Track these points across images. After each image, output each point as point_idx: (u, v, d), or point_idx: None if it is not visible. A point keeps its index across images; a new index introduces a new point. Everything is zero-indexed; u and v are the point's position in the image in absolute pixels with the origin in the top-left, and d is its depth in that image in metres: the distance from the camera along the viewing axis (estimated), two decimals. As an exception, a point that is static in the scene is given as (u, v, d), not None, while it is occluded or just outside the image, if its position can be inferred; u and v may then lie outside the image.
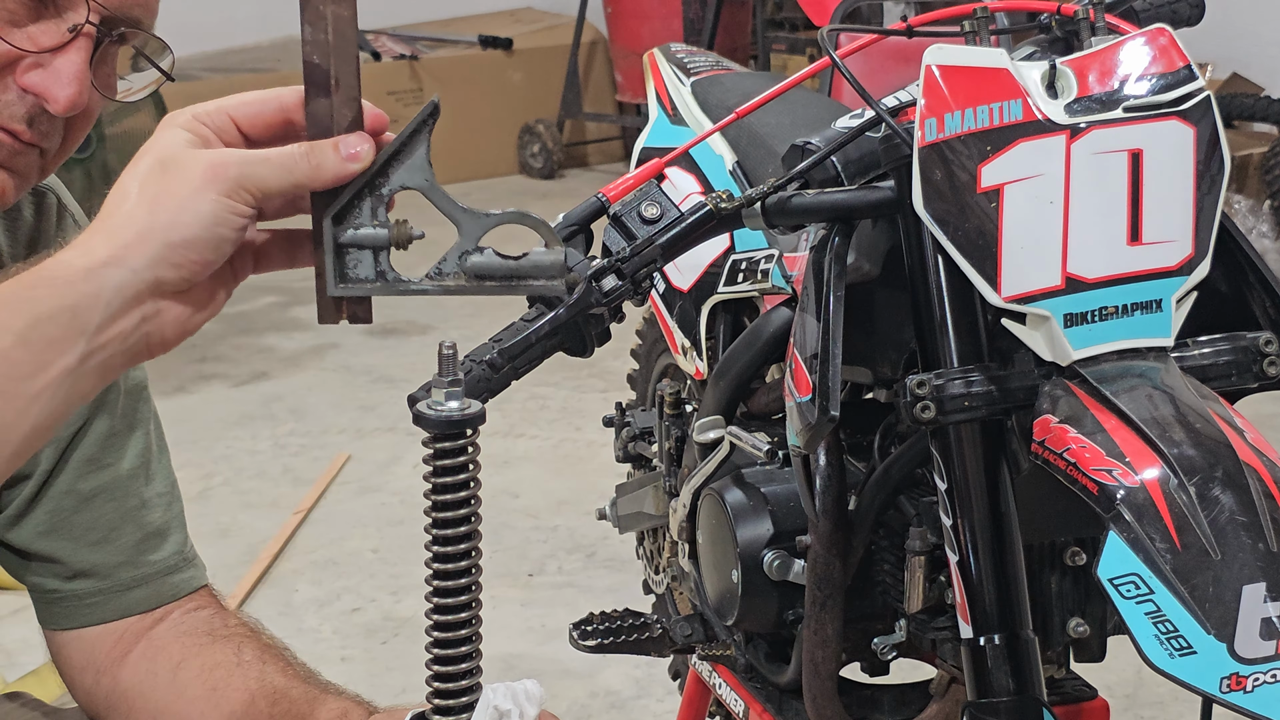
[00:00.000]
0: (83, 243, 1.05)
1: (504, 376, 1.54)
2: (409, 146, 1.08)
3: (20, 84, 1.24)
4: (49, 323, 1.03)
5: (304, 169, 1.05)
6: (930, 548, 1.64)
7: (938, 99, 1.48)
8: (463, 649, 1.12)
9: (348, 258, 1.08)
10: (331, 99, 1.06)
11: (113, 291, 1.04)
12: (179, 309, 1.08)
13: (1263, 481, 1.34)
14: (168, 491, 1.52)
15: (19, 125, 1.25)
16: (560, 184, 7.04)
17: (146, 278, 1.04)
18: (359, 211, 1.08)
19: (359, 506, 3.89)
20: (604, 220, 1.60)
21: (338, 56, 1.06)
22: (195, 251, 1.05)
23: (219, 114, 1.09)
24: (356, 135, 1.06)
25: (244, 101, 1.10)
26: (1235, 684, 1.29)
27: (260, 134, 1.10)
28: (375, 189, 1.08)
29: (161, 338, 1.08)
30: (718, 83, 2.26)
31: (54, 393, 1.04)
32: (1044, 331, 1.47)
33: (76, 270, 1.04)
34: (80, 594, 1.48)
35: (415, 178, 1.08)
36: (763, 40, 6.41)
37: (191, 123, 1.08)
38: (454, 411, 1.08)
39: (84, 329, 1.04)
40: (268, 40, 7.04)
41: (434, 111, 1.08)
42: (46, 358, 1.04)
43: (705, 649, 2.03)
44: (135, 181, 1.06)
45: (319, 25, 1.05)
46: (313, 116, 1.07)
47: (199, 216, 1.04)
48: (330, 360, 4.94)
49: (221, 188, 1.04)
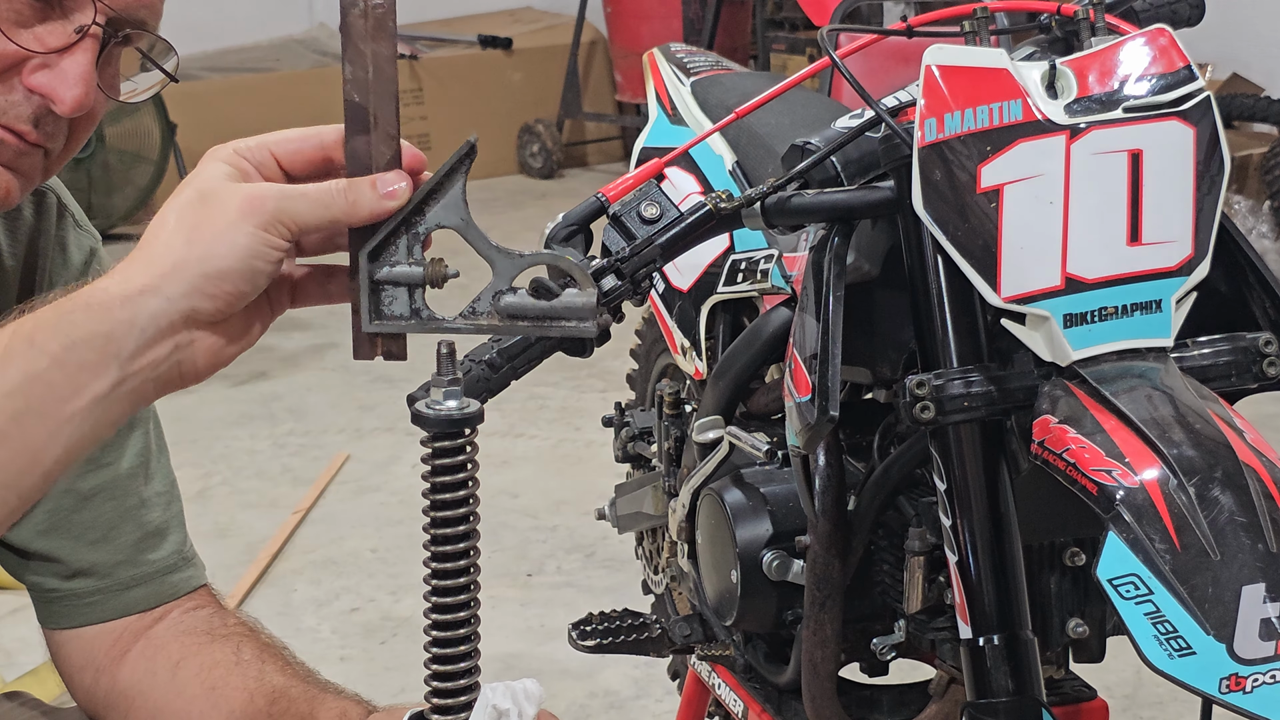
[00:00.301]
0: (121, 270, 1.07)
1: (503, 376, 1.54)
2: (445, 185, 1.09)
3: (26, 84, 1.25)
4: (84, 347, 1.05)
5: (341, 205, 1.06)
6: (929, 548, 1.64)
7: (937, 99, 1.48)
8: (461, 648, 1.12)
9: (383, 294, 1.09)
10: (370, 136, 1.08)
11: (147, 319, 1.06)
12: (213, 339, 1.09)
13: (1262, 482, 1.34)
14: (167, 491, 1.52)
15: (25, 126, 1.26)
16: (560, 184, 7.04)
17: (181, 307, 1.06)
18: (395, 249, 1.09)
19: (358, 506, 3.89)
20: (603, 220, 1.60)
21: (377, 95, 1.07)
22: (230, 283, 1.06)
23: (260, 149, 1.10)
24: (394, 173, 1.07)
25: (285, 138, 1.11)
26: (1234, 684, 1.29)
27: (300, 170, 1.11)
28: (411, 227, 1.09)
29: (194, 367, 1.10)
30: (717, 83, 2.26)
31: (85, 417, 1.06)
32: (1043, 332, 1.47)
33: (113, 297, 1.06)
34: (79, 593, 1.48)
35: (451, 216, 1.09)
36: (763, 40, 6.41)
37: (233, 156, 1.09)
38: (453, 411, 1.08)
39: (118, 355, 1.06)
40: (267, 40, 7.05)
41: (470, 151, 1.09)
42: (80, 381, 1.05)
43: (704, 649, 2.03)
44: (174, 212, 1.07)
45: (359, 63, 1.06)
46: (351, 154, 1.08)
47: (235, 248, 1.05)
48: (329, 360, 4.94)
49: (258, 221, 1.05)
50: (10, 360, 1.05)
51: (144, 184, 6.09)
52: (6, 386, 1.05)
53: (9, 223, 1.42)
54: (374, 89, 1.07)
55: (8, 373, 1.05)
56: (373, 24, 1.06)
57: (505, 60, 7.21)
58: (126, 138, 5.98)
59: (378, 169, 1.07)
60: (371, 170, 1.07)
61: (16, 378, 1.05)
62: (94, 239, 1.49)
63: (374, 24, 1.06)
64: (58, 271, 1.44)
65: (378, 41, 1.06)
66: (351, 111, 1.07)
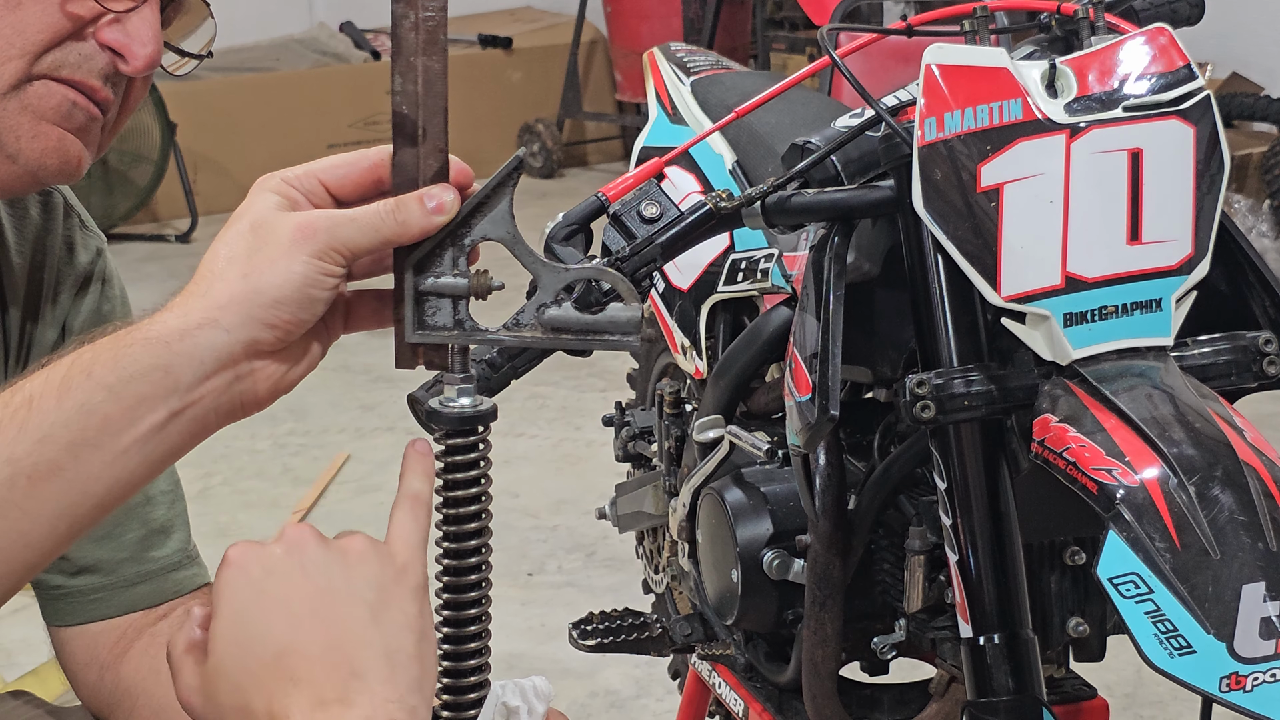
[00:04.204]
0: (179, 305, 1.07)
1: (504, 375, 1.54)
2: (492, 199, 1.10)
3: (100, 40, 1.25)
4: (141, 381, 1.06)
5: (391, 226, 1.07)
6: (930, 547, 1.64)
7: (937, 98, 1.48)
8: (472, 645, 1.12)
9: (427, 305, 1.09)
10: (418, 149, 1.08)
11: (207, 351, 1.06)
12: (273, 367, 1.10)
13: (1262, 481, 1.34)
14: (171, 489, 1.52)
15: (96, 81, 1.26)
16: (560, 183, 7.03)
17: (241, 338, 1.06)
18: (440, 260, 1.09)
19: (358, 506, 3.89)
20: (604, 220, 1.60)
21: (426, 108, 1.07)
22: (288, 312, 1.07)
23: (308, 178, 1.11)
24: (440, 186, 1.08)
25: (332, 164, 1.11)
26: (1235, 683, 1.29)
27: (349, 194, 1.11)
28: (457, 239, 1.09)
29: (255, 396, 1.11)
30: (717, 82, 2.26)
31: (141, 448, 1.07)
32: (1044, 331, 1.47)
33: (172, 330, 1.06)
34: (84, 589, 1.48)
35: (498, 230, 1.09)
36: (763, 40, 6.41)
37: (281, 186, 1.10)
38: (466, 408, 1.09)
39: (175, 388, 1.06)
40: (267, 40, 7.04)
41: (519, 166, 1.10)
42: (137, 414, 1.06)
43: (705, 648, 2.03)
44: (227, 245, 1.08)
45: (409, 76, 1.07)
46: (399, 166, 1.08)
47: (291, 277, 1.06)
48: (330, 360, 4.86)
49: (311, 249, 1.06)
50: (68, 392, 1.06)
51: (144, 184, 6.09)
52: (63, 418, 1.06)
53: (16, 221, 1.42)
54: (423, 102, 1.07)
55: (65, 404, 1.06)
56: (424, 37, 1.06)
57: (505, 60, 7.21)
58: (126, 137, 5.97)
59: (425, 182, 1.07)
60: (419, 183, 1.07)
61: (72, 409, 1.06)
62: (100, 239, 1.49)
63: (425, 36, 1.06)
64: (64, 272, 1.44)
65: (429, 55, 1.07)
66: (399, 123, 1.07)
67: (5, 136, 1.25)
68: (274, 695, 1.00)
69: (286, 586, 1.02)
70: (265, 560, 1.04)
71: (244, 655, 1.02)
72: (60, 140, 1.27)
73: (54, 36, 1.24)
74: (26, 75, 1.24)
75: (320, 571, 1.03)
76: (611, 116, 7.26)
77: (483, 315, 1.10)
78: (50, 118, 1.26)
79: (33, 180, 1.29)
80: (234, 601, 1.03)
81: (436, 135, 1.08)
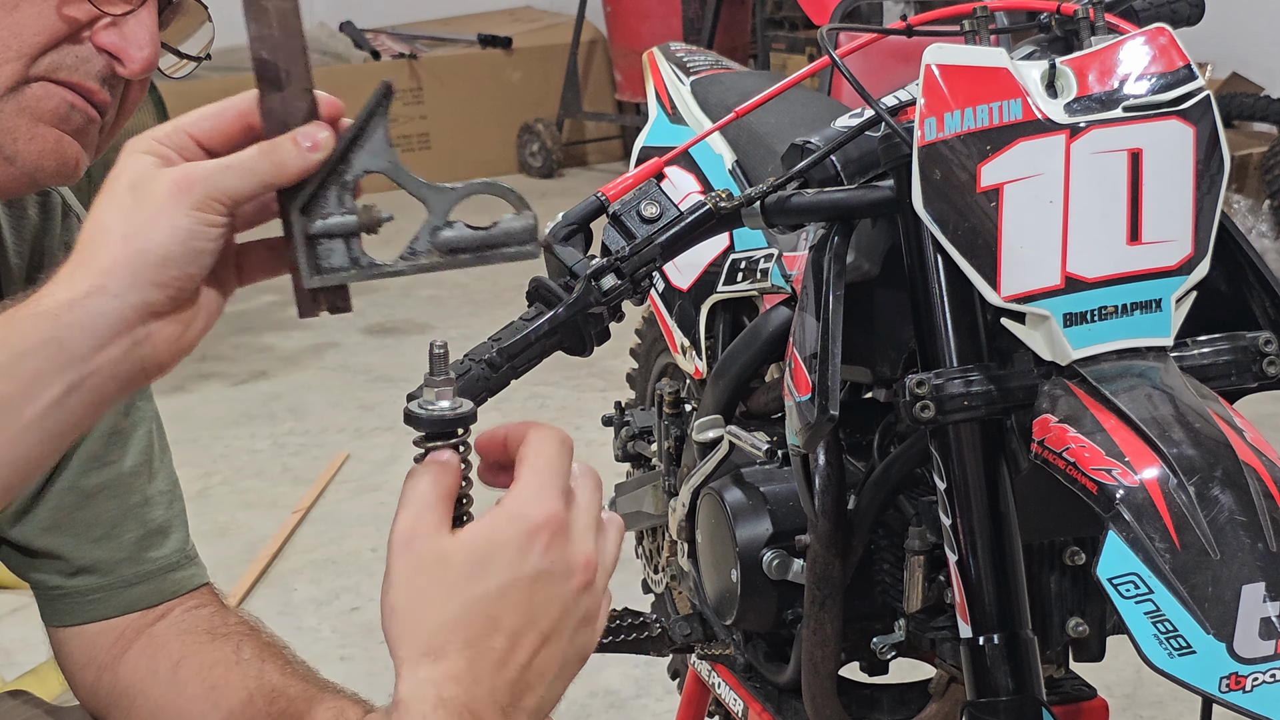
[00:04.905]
0: (66, 275, 1.06)
1: (503, 375, 1.54)
2: (368, 130, 1.07)
3: (96, 43, 1.25)
4: (34, 356, 1.04)
5: (267, 168, 1.05)
6: (929, 547, 1.64)
7: (937, 98, 1.48)
8: None
9: (320, 248, 1.07)
10: (284, 93, 1.06)
11: (98, 319, 1.04)
12: (170, 329, 1.08)
13: (1262, 481, 1.34)
14: (169, 490, 1.52)
15: (94, 84, 1.26)
16: (559, 183, 7.04)
17: (131, 301, 1.05)
18: (325, 201, 1.07)
19: (358, 506, 3.89)
20: (603, 219, 1.60)
21: (285, 50, 1.05)
22: (176, 268, 1.05)
23: (178, 134, 1.09)
24: (313, 124, 1.06)
25: (201, 116, 1.10)
26: (1234, 684, 1.29)
27: (221, 145, 1.09)
28: (339, 176, 1.07)
29: (157, 360, 1.08)
30: (717, 82, 2.26)
31: (41, 423, 1.05)
32: (1043, 331, 1.47)
33: (60, 302, 1.04)
34: (82, 590, 1.48)
35: (378, 160, 1.07)
36: (762, 39, 6.41)
37: (152, 145, 1.08)
38: (445, 411, 1.08)
39: (70, 360, 1.04)
40: (267, 39, 7.03)
41: (387, 92, 1.07)
42: (33, 390, 1.04)
43: (704, 648, 2.03)
44: (106, 210, 1.06)
45: (263, 20, 1.05)
46: (268, 113, 1.06)
47: (175, 233, 1.04)
48: (329, 359, 4.94)
49: (191, 201, 1.04)
50: None
51: (144, 183, 6.09)
52: None
53: (14, 221, 1.42)
54: (281, 44, 1.05)
55: None
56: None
57: (505, 59, 7.21)
58: (124, 137, 5.97)
59: (296, 125, 1.05)
60: (289, 127, 1.05)
61: None
62: None
63: None
64: None
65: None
66: (261, 70, 1.05)
67: (3, 138, 1.25)
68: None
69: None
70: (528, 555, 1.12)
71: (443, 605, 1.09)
72: (58, 142, 1.27)
73: (51, 39, 1.24)
74: (24, 77, 1.24)
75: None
76: (611, 116, 7.27)
77: (377, 250, 1.08)
78: (48, 120, 1.26)
79: (30, 182, 1.29)
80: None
81: (301, 76, 1.06)
